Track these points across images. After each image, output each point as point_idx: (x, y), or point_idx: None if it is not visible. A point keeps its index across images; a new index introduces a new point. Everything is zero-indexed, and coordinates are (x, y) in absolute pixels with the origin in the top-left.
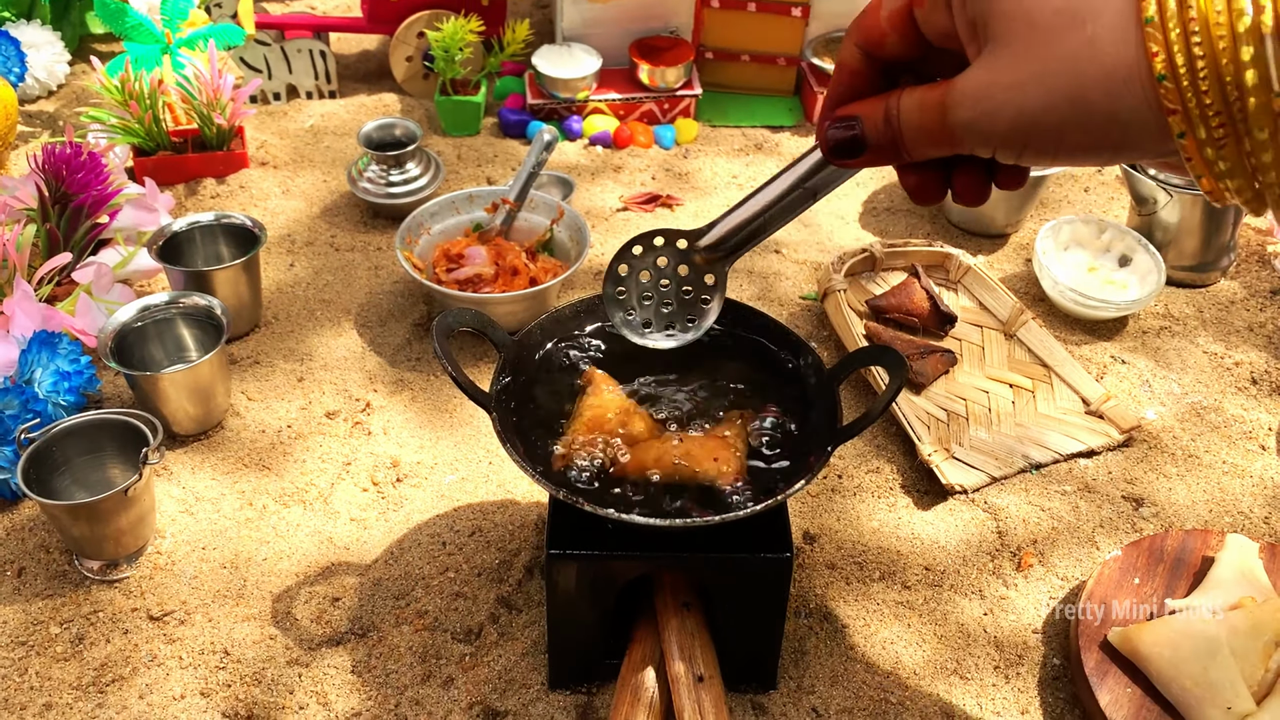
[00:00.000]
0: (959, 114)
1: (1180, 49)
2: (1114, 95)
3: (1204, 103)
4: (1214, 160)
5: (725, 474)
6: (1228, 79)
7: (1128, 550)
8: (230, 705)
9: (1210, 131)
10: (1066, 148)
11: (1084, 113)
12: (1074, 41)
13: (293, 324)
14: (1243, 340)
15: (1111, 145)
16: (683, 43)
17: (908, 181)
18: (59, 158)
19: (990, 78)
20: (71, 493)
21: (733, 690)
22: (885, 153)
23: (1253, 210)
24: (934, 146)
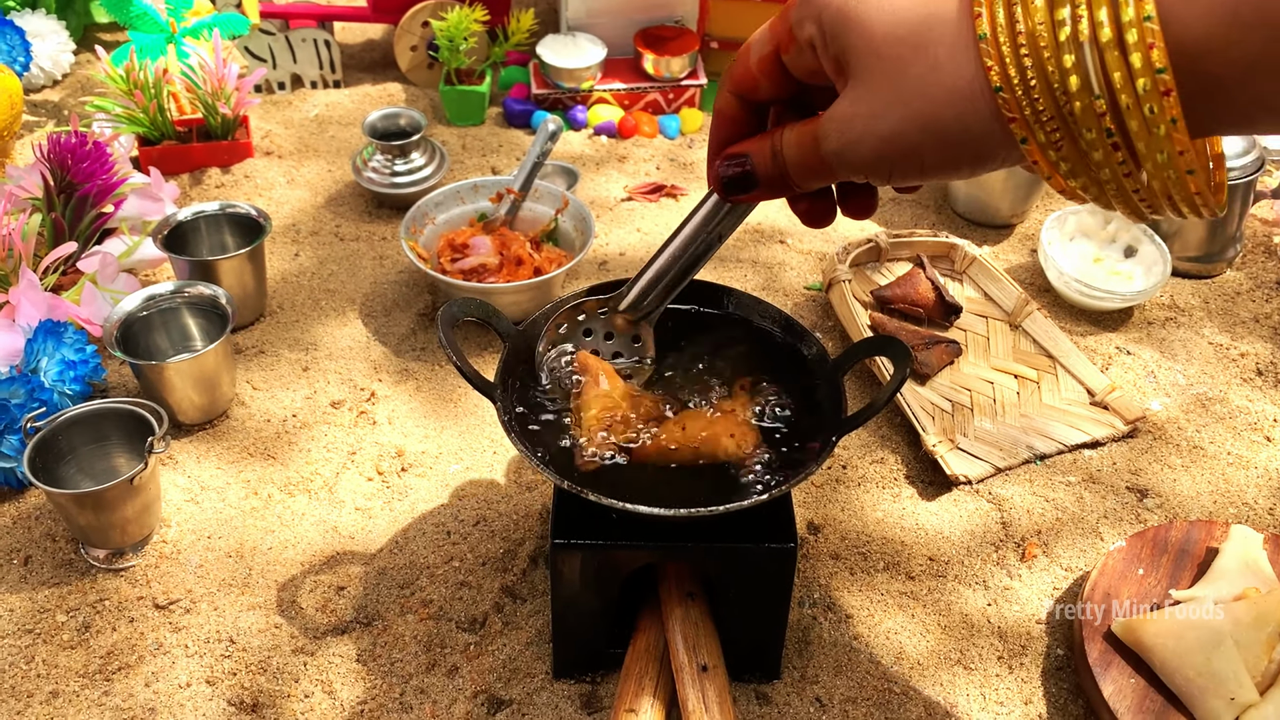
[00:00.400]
0: (828, 144)
1: (1012, 60)
2: (962, 112)
3: (1038, 108)
4: (1056, 161)
5: (745, 446)
6: (1055, 85)
7: (1132, 541)
8: (236, 693)
9: (1048, 135)
10: (930, 166)
11: (937, 132)
12: (919, 67)
13: (298, 313)
14: (1248, 331)
15: (970, 158)
16: (688, 32)
17: (797, 209)
18: (64, 147)
19: (851, 109)
20: (77, 481)
21: (737, 680)
22: (775, 186)
23: (1103, 206)
24: (814, 177)
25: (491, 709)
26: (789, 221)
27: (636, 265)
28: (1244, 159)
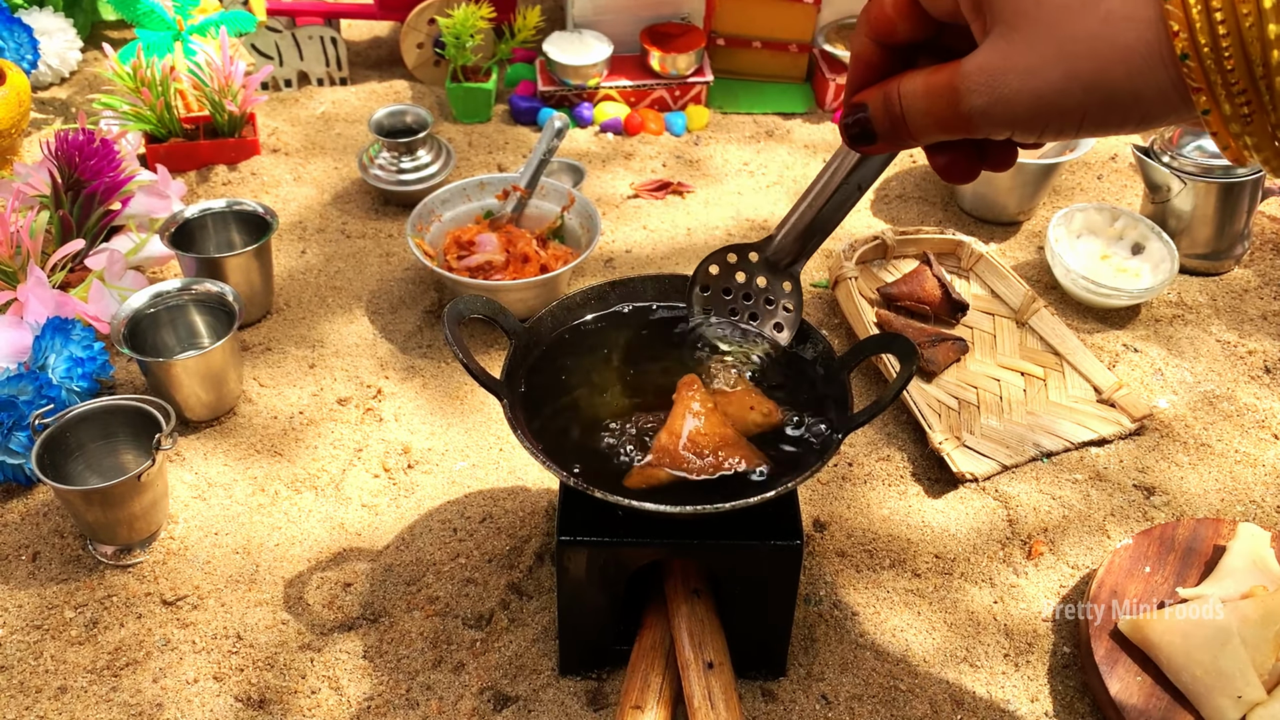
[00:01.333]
0: (973, 100)
1: (1203, 27)
2: (1135, 74)
3: (1229, 80)
4: (1240, 135)
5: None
6: (1254, 57)
7: (1139, 539)
8: (243, 689)
9: (1236, 109)
10: (1089, 125)
11: (1106, 94)
12: (1089, 21)
13: (304, 311)
14: (1256, 329)
15: (1135, 120)
16: (694, 29)
17: (936, 163)
18: (72, 145)
19: (1003, 62)
20: (85, 478)
21: (742, 677)
22: (892, 139)
23: (1273, 172)
24: (943, 131)
25: (498, 705)
26: None
27: (643, 262)
28: None
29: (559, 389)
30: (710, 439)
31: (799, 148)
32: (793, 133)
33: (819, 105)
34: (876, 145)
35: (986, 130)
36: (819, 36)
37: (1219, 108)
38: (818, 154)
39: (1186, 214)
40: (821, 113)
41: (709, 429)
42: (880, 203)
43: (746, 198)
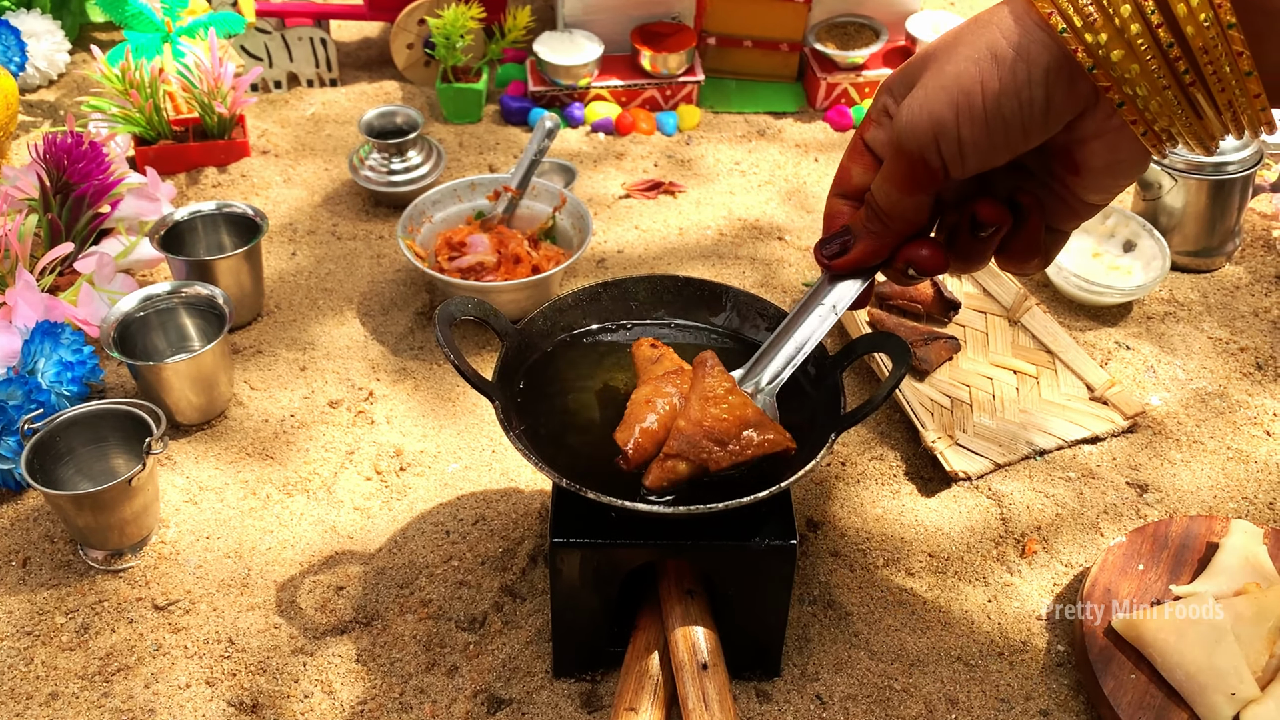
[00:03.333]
0: (894, 126)
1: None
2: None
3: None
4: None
5: None
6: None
7: (1132, 537)
8: (235, 694)
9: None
10: (966, 140)
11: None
12: (964, 48)
13: (295, 313)
14: (1248, 325)
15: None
16: (685, 29)
17: (915, 254)
18: (60, 147)
19: (909, 98)
20: (75, 483)
21: (737, 678)
22: (871, 231)
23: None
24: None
25: (491, 708)
26: (787, 218)
27: (635, 263)
28: (1242, 153)
29: (551, 390)
30: (733, 423)
31: (790, 147)
32: (784, 132)
33: (810, 104)
34: (854, 250)
35: (907, 154)
36: (810, 35)
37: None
38: (809, 153)
39: (1178, 211)
40: (813, 112)
41: (730, 412)
42: None
43: (738, 197)
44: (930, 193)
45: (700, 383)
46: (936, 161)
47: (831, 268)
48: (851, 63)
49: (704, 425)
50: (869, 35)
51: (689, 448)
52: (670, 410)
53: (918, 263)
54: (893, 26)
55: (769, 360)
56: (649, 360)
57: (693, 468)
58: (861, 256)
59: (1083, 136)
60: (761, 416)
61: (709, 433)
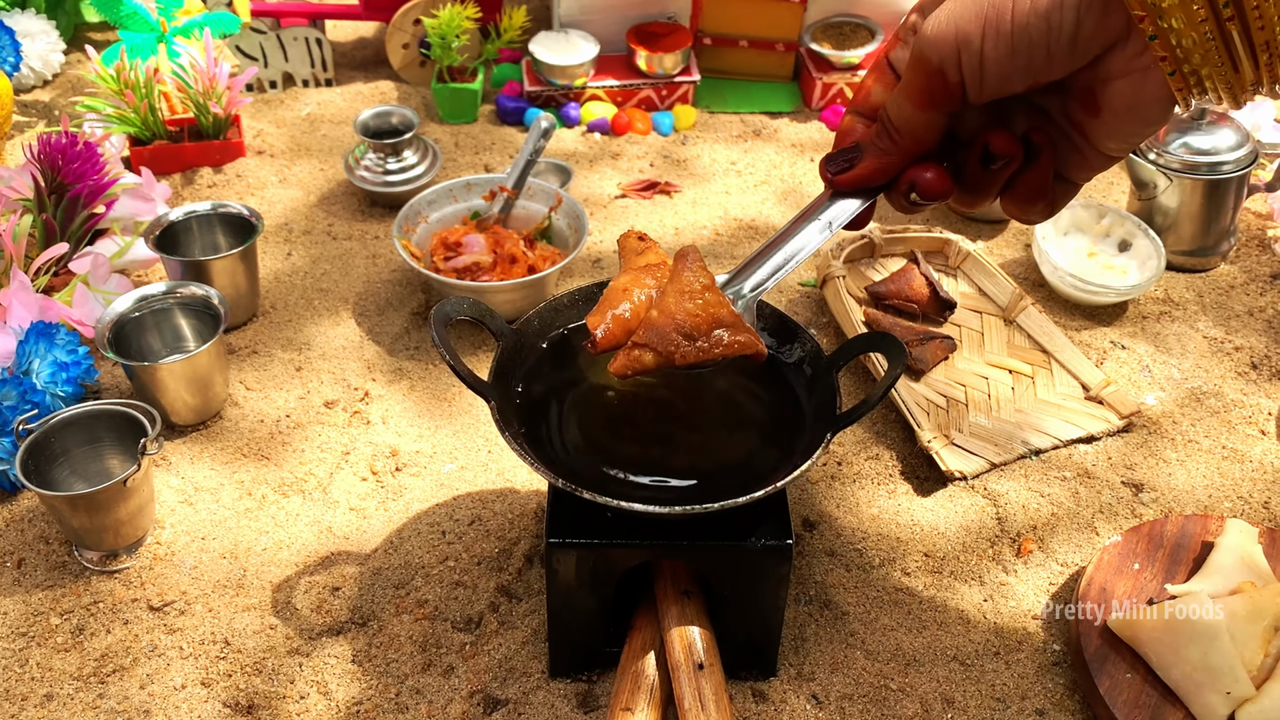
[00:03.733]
0: (920, 34)
1: None
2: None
3: None
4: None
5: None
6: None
7: (1127, 536)
8: (231, 695)
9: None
10: (989, 57)
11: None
12: None
13: (290, 313)
14: (1243, 325)
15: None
16: (680, 28)
17: (921, 176)
18: (55, 148)
19: (940, 9)
20: (70, 484)
21: (733, 678)
22: (880, 148)
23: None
24: (912, 98)
25: (488, 708)
26: (783, 218)
27: None
28: (1237, 152)
29: (547, 390)
30: (705, 320)
31: (786, 147)
32: (780, 132)
33: (806, 104)
34: (860, 165)
35: (926, 62)
36: (805, 35)
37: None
38: (805, 153)
39: (1173, 210)
40: (809, 112)
41: (704, 309)
42: None
43: (734, 197)
44: (944, 111)
45: (678, 277)
46: (955, 76)
47: (835, 183)
48: (847, 62)
49: (675, 318)
50: (864, 35)
51: (657, 339)
52: (646, 301)
53: (921, 185)
54: (888, 26)
55: (755, 268)
56: (634, 251)
57: (659, 359)
58: (867, 173)
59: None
60: (736, 319)
61: (679, 326)
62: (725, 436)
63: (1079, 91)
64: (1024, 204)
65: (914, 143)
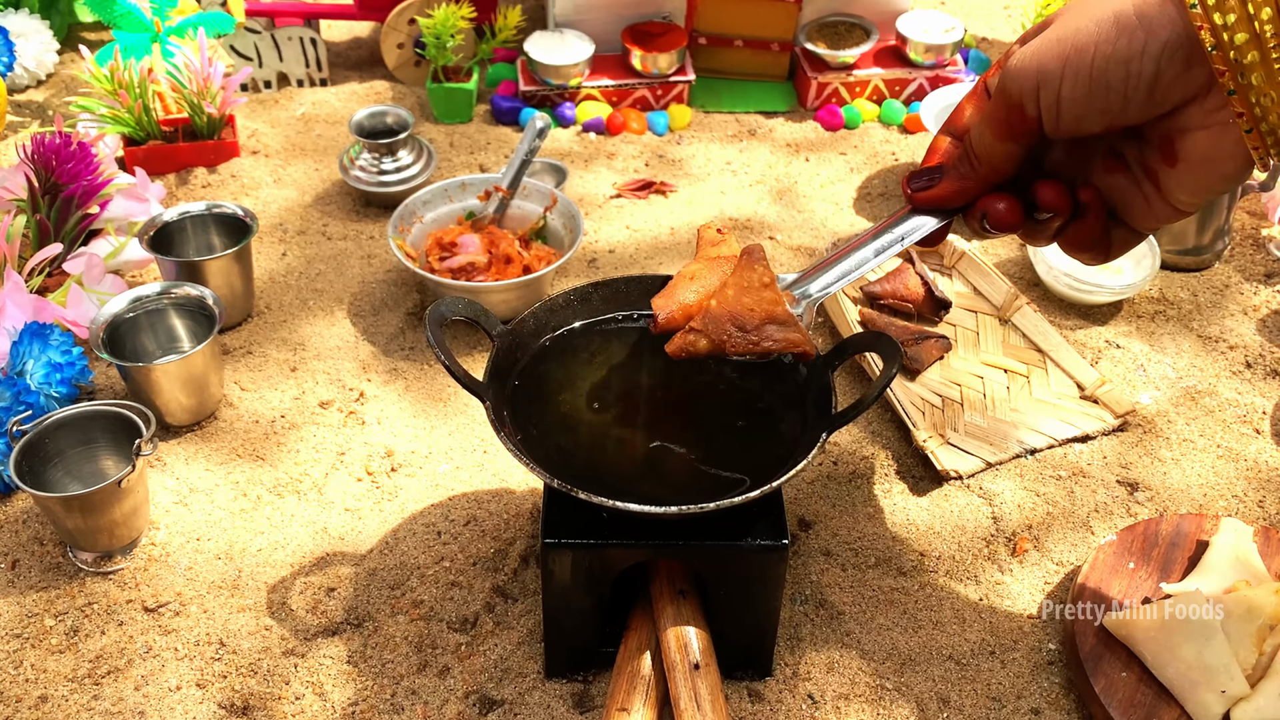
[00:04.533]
0: (1005, 66)
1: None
2: (1106, 39)
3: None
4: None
5: None
6: None
7: (1122, 535)
8: (226, 696)
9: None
10: (1065, 97)
11: (1078, 54)
12: (1082, 7)
13: (285, 313)
14: (1237, 324)
15: (1102, 89)
16: (676, 28)
17: (992, 207)
18: (48, 148)
19: (1027, 44)
20: (65, 485)
21: (729, 678)
22: (960, 172)
23: None
24: (994, 129)
25: (483, 709)
26: (778, 217)
27: (626, 262)
28: None
29: (543, 390)
30: (759, 316)
31: (781, 146)
32: (775, 131)
33: (801, 104)
34: (939, 186)
35: (1007, 96)
36: (800, 35)
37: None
38: (800, 152)
39: None
40: (804, 111)
41: (760, 305)
42: (863, 201)
43: (729, 197)
44: (1021, 144)
45: (741, 272)
46: (1033, 110)
47: (914, 200)
48: (842, 62)
49: (732, 310)
50: (860, 35)
51: (713, 326)
52: (709, 291)
53: (992, 215)
54: (883, 26)
55: (823, 272)
56: (710, 242)
57: (711, 345)
58: (944, 195)
59: (1186, 125)
60: (789, 318)
61: (735, 318)
62: (721, 436)
63: (1158, 140)
64: (1074, 251)
65: (991, 171)
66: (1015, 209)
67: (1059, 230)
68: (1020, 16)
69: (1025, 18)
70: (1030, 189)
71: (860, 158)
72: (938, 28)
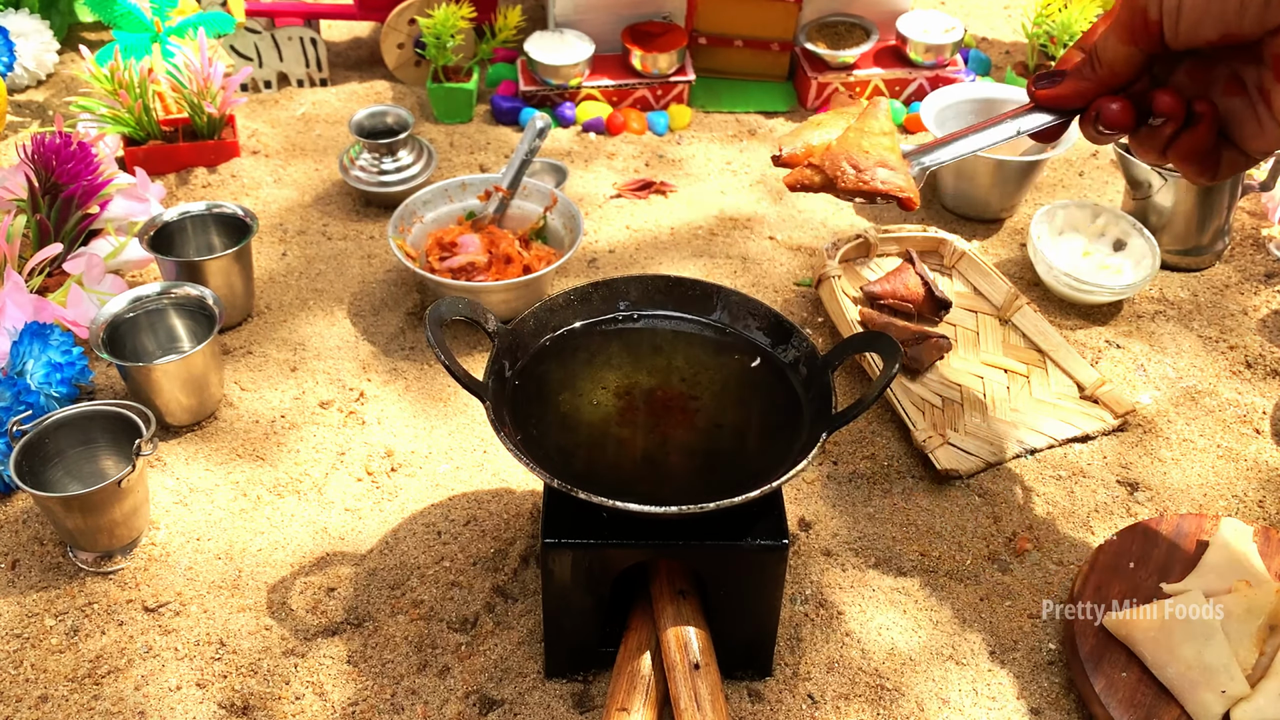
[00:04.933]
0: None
1: None
2: None
3: None
4: None
5: None
6: None
7: (1122, 535)
8: (226, 696)
9: None
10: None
11: None
12: None
13: (285, 313)
14: (1237, 324)
15: None
16: (675, 28)
17: (1107, 107)
18: (49, 148)
19: None
20: (65, 485)
21: (729, 678)
22: (1082, 74)
23: None
24: (1122, 36)
25: (483, 709)
26: (778, 217)
27: (626, 262)
28: None
29: (543, 390)
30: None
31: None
32: (775, 131)
33: (801, 104)
34: (1061, 85)
35: (1140, 3)
36: (800, 35)
37: None
38: None
39: (1167, 210)
40: (804, 111)
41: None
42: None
43: (729, 196)
44: (1142, 48)
45: (864, 118)
46: (1155, 15)
47: (1036, 96)
48: (842, 62)
49: (848, 150)
50: (860, 34)
51: (829, 163)
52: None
53: (1106, 114)
54: (883, 26)
55: (939, 147)
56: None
57: (824, 180)
58: (1065, 93)
59: None
60: (901, 164)
61: (849, 156)
62: (721, 436)
63: (1272, 59)
64: (1184, 163)
65: (1111, 74)
66: (1128, 110)
67: (1170, 139)
68: (1020, 16)
69: (1025, 18)
70: (1148, 96)
71: None
72: (938, 28)
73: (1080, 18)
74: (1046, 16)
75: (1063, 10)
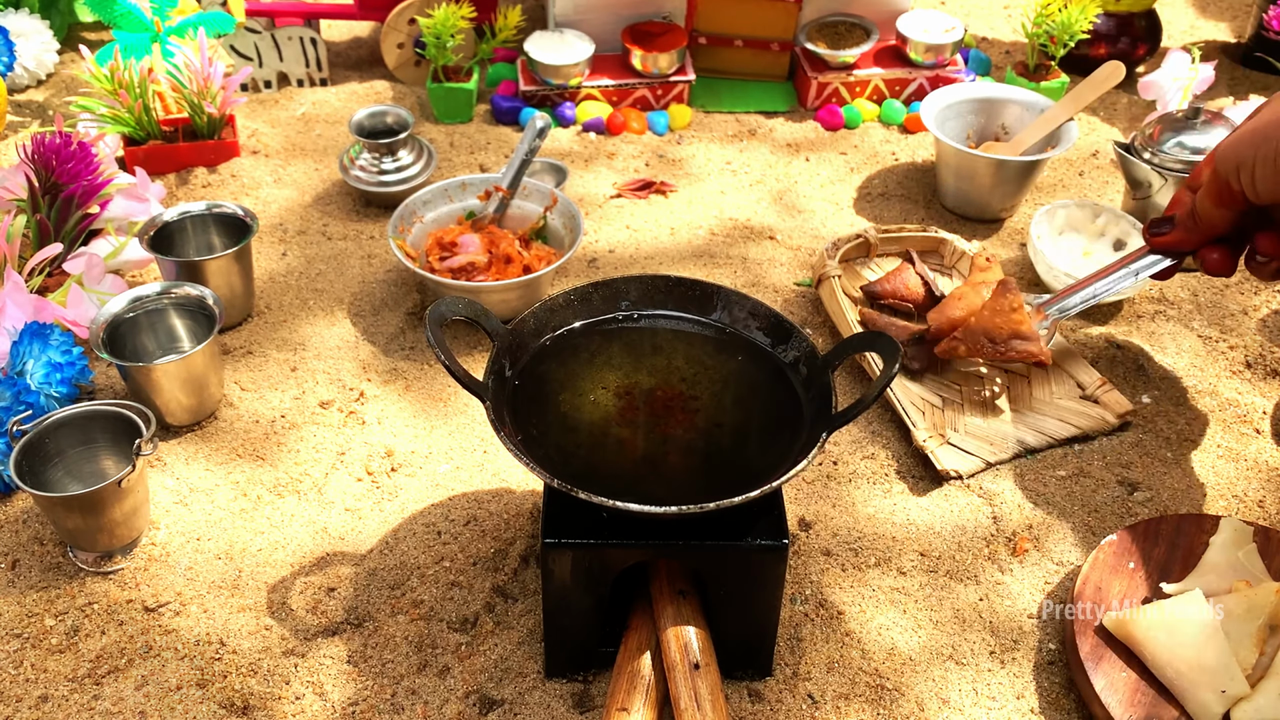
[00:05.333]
0: (1216, 150)
1: None
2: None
3: None
4: None
5: None
6: None
7: (1123, 535)
8: (227, 696)
9: None
10: (1260, 175)
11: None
12: None
13: (285, 313)
14: (1237, 324)
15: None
16: (676, 28)
17: (1209, 259)
18: (49, 147)
19: (1233, 131)
20: (65, 485)
21: (729, 677)
22: (1185, 225)
23: None
24: (1212, 199)
25: (483, 709)
26: (778, 218)
27: (626, 262)
28: None
29: (543, 390)
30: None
31: (781, 146)
32: (775, 131)
33: (801, 104)
34: (1169, 235)
35: (1219, 177)
36: (800, 35)
37: None
38: (799, 152)
39: None
40: (804, 111)
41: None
42: (863, 201)
43: (729, 197)
44: (1232, 210)
45: (996, 298)
46: (1237, 186)
47: (1151, 244)
48: (842, 62)
49: (986, 327)
50: (860, 34)
51: (969, 338)
52: (971, 309)
53: (1207, 263)
54: (884, 26)
55: (1069, 296)
56: (979, 269)
57: (969, 351)
58: (1173, 242)
59: None
60: (1032, 334)
61: (987, 333)
62: (721, 436)
63: None
64: None
65: (1209, 228)
66: (1226, 258)
67: (1277, 271)
68: (1020, 16)
69: (1025, 18)
70: (1253, 237)
71: (860, 158)
72: (938, 28)
73: (1080, 18)
74: (1046, 16)
75: (1062, 10)
